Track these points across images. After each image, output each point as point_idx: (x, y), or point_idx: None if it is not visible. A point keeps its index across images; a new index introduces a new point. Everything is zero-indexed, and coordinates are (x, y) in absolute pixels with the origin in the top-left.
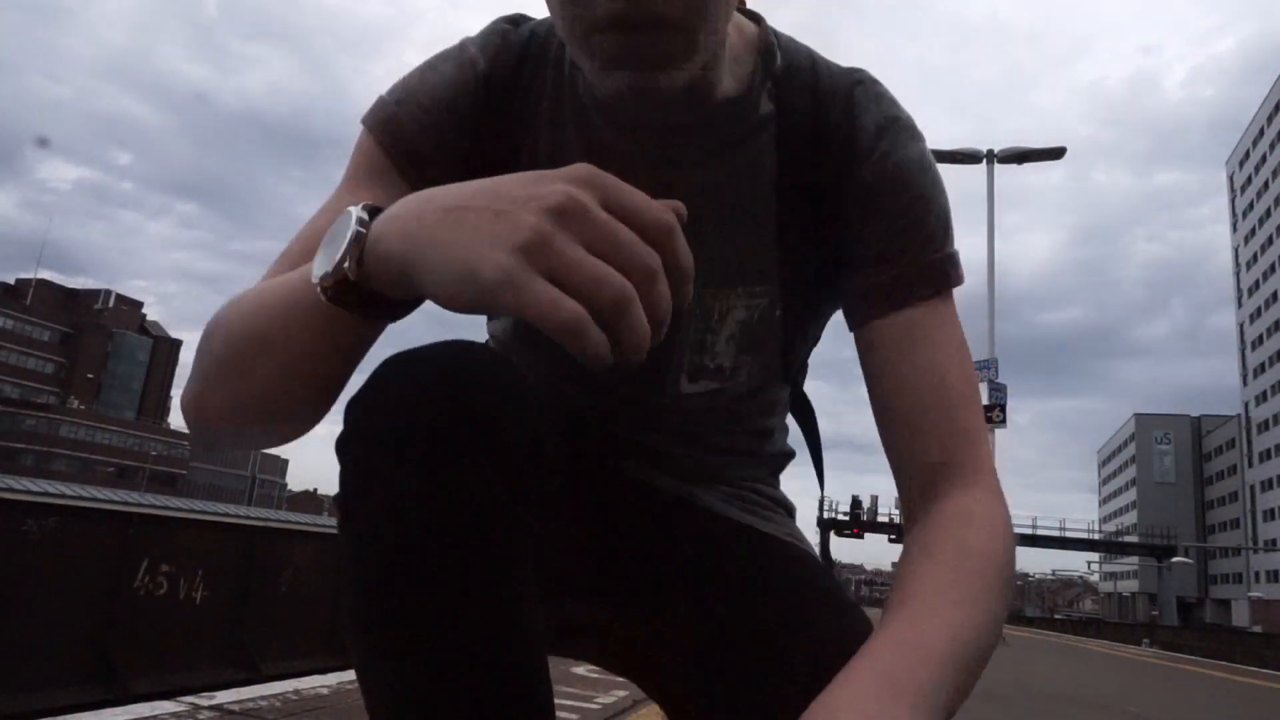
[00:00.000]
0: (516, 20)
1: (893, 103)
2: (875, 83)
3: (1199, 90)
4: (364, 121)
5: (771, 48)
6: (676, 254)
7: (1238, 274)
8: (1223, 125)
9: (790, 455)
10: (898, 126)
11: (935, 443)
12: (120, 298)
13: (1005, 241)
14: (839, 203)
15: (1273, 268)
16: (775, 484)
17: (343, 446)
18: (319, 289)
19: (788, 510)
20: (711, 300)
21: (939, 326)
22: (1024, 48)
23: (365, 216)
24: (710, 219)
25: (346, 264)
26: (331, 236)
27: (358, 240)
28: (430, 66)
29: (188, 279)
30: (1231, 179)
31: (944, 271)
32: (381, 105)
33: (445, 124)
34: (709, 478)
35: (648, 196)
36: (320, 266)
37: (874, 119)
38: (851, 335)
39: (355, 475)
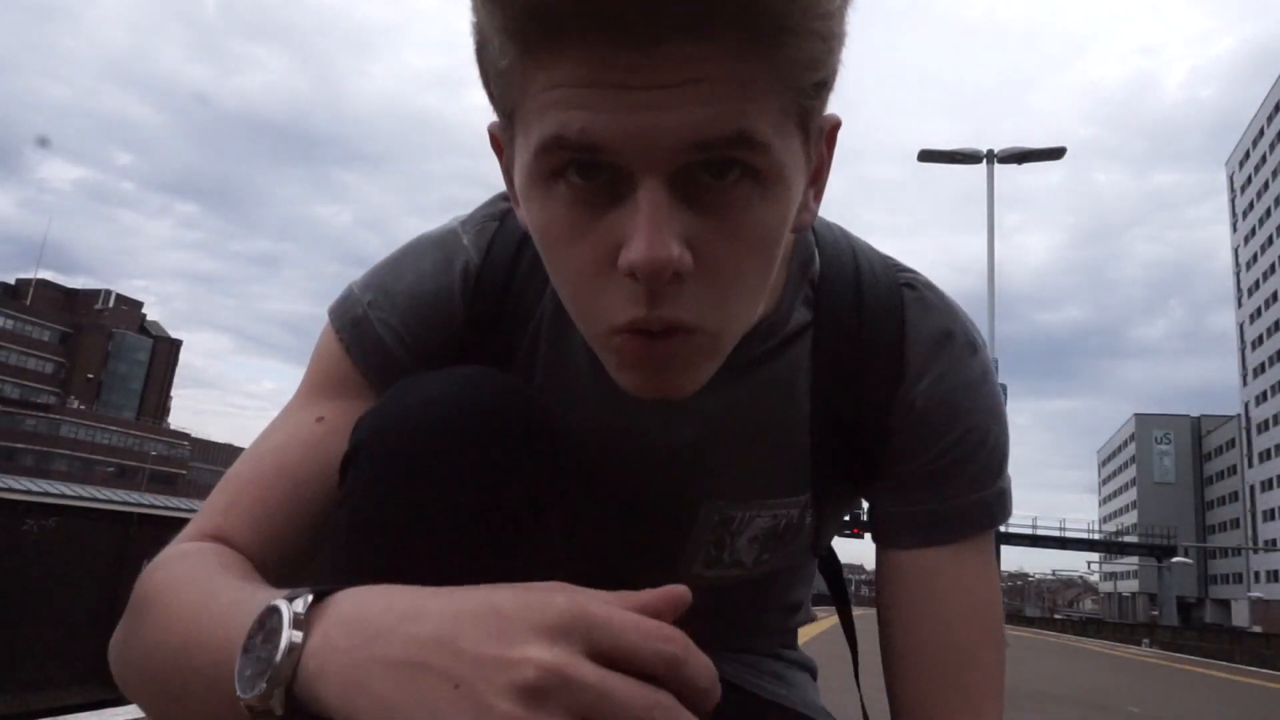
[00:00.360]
0: None
1: (949, 310)
2: (928, 286)
3: (1198, 90)
4: (330, 316)
5: (809, 249)
6: (693, 683)
7: (1238, 274)
8: (1222, 125)
9: (812, 620)
10: (955, 342)
11: (941, 702)
12: (120, 298)
13: (1005, 241)
14: (884, 423)
15: (1273, 268)
16: (795, 642)
17: (351, 457)
18: (242, 704)
19: (811, 672)
20: (733, 511)
21: (970, 572)
22: (1023, 48)
23: (298, 624)
24: (735, 440)
25: (273, 700)
26: (262, 637)
27: (290, 652)
28: (415, 253)
29: (188, 279)
30: (1231, 179)
31: (990, 512)
32: (351, 303)
33: (424, 331)
34: (729, 647)
35: (645, 622)
36: (245, 680)
37: (927, 333)
38: None
39: (357, 485)
